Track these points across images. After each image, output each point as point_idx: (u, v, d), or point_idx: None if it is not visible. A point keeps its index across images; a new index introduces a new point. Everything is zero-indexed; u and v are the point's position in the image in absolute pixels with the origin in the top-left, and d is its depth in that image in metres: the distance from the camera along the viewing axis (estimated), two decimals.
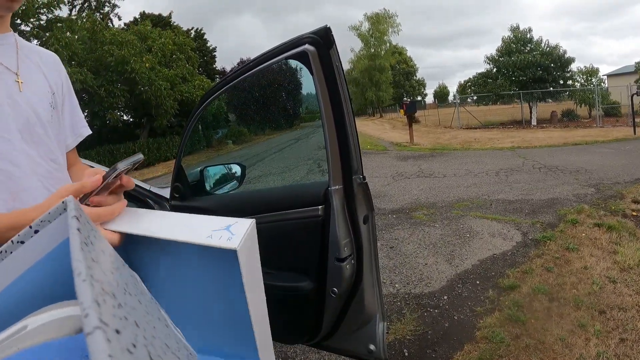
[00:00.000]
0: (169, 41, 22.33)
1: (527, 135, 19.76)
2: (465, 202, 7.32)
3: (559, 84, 28.58)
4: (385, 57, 47.61)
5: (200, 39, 35.75)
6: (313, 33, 1.42)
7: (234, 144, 24.71)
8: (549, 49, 28.35)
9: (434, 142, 18.71)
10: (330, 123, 1.56)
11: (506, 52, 29.58)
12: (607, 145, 14.19)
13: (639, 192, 7.13)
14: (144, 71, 19.25)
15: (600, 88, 27.35)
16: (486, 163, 11.72)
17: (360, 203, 1.73)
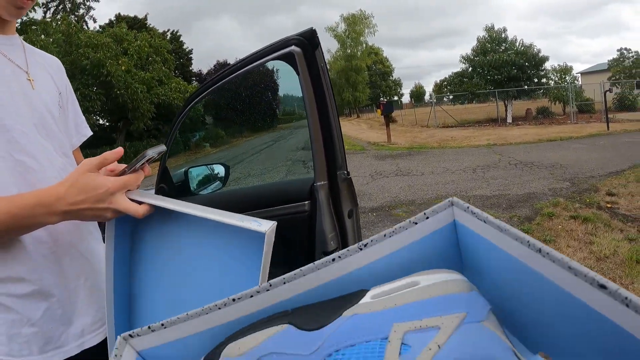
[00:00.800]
0: (145, 43, 22.16)
1: (502, 132, 20.07)
2: (444, 198, 7.41)
3: (533, 82, 29.09)
4: (362, 57, 47.83)
5: (176, 41, 35.54)
6: (299, 35, 1.48)
7: (211, 146, 24.62)
8: (523, 48, 28.87)
9: (411, 141, 18.90)
10: (315, 121, 1.62)
11: (481, 51, 30.02)
12: (581, 141, 14.48)
13: (613, 185, 7.34)
14: (120, 74, 19.11)
15: (574, 86, 27.93)
16: (463, 160, 11.91)
17: (345, 198, 1.79)
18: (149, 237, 1.03)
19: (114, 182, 0.90)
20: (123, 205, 0.90)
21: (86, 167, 0.91)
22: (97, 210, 0.90)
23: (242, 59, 1.70)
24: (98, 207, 0.89)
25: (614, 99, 29.14)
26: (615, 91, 29.50)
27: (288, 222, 1.81)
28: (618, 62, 36.91)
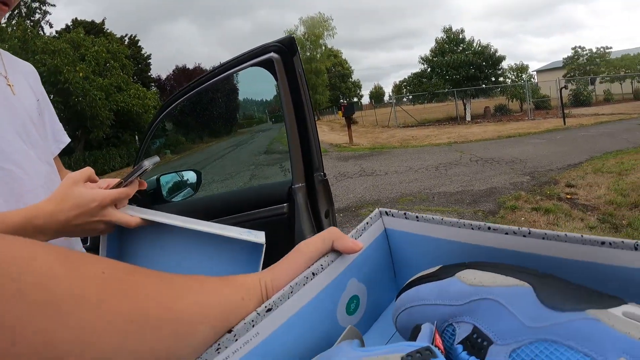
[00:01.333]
0: (102, 49, 21.69)
1: (462, 130, 20.42)
2: (409, 197, 7.54)
3: (491, 81, 29.72)
4: (321, 60, 47.81)
5: (134, 46, 34.86)
6: (278, 42, 1.52)
7: (172, 153, 24.28)
8: (480, 48, 29.49)
9: (373, 142, 19.03)
10: (292, 125, 1.65)
11: (440, 52, 30.53)
12: (539, 136, 14.89)
13: (572, 177, 7.59)
14: (77, 81, 18.61)
15: (530, 83, 28.67)
16: (425, 159, 12.06)
17: (322, 199, 1.83)
18: (141, 251, 1.04)
19: (105, 195, 0.89)
20: (115, 217, 0.90)
21: (72, 181, 0.89)
22: (89, 224, 0.89)
23: (220, 65, 1.73)
24: (90, 220, 0.88)
25: (570, 95, 30.03)
26: (571, 88, 30.38)
27: (268, 225, 1.84)
28: (573, 59, 37.85)
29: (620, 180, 7.17)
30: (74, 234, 0.90)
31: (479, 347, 0.49)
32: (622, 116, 20.04)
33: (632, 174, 7.51)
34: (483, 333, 0.49)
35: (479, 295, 0.52)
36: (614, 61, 37.38)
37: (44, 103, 1.20)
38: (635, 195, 6.19)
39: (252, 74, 1.65)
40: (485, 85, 29.16)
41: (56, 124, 1.26)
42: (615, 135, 13.52)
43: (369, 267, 0.68)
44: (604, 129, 15.73)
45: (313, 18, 45.59)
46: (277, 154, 17.59)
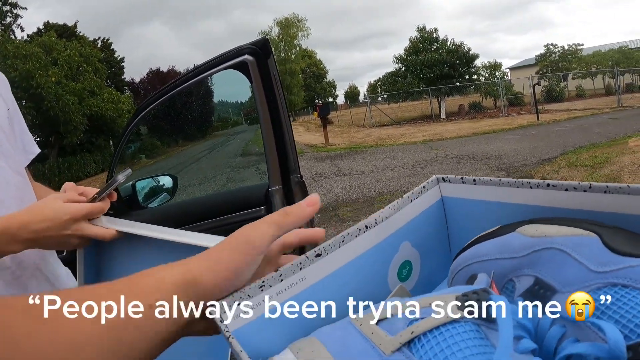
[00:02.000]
0: (75, 52, 21.27)
1: (437, 128, 20.60)
2: (386, 195, 7.57)
3: (465, 79, 30.09)
4: (296, 61, 47.83)
5: (107, 49, 34.35)
6: (252, 44, 1.51)
7: (147, 158, 24.03)
8: (454, 47, 29.88)
9: (349, 142, 19.11)
10: (268, 127, 1.65)
11: (414, 51, 30.79)
12: (513, 132, 15.09)
13: (547, 171, 7.73)
14: (50, 86, 18.23)
15: (503, 80, 29.08)
16: (401, 157, 12.16)
17: (299, 200, 1.83)
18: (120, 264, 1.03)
19: (78, 209, 0.88)
20: (88, 230, 0.89)
21: (52, 197, 0.89)
22: (62, 237, 0.88)
23: (194, 68, 1.72)
24: (62, 234, 0.87)
25: (542, 91, 30.51)
26: (544, 84, 30.89)
27: None
28: (545, 56, 38.45)
29: (594, 173, 7.32)
30: (47, 246, 0.90)
31: (542, 297, 0.47)
32: (594, 111, 20.47)
33: (605, 167, 7.66)
34: (546, 283, 0.48)
35: (541, 246, 0.50)
36: (586, 57, 38.05)
37: (14, 112, 1.16)
38: None
39: (226, 76, 1.64)
40: (459, 83, 29.51)
41: (26, 135, 1.23)
42: (588, 129, 13.80)
43: (424, 233, 0.66)
44: (577, 123, 16.05)
45: (287, 19, 45.59)
46: (253, 156, 17.54)
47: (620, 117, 16.78)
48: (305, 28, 46.55)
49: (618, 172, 7.22)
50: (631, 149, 9.06)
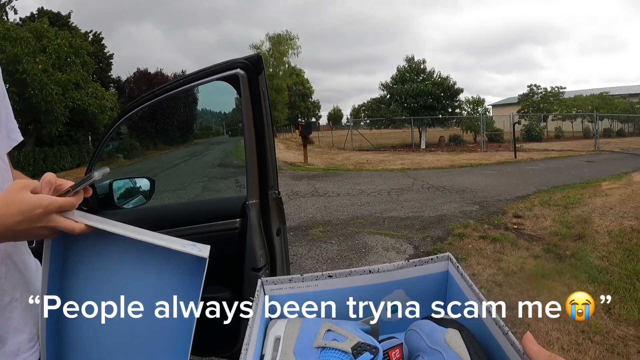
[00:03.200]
0: (65, 42, 20.84)
1: (416, 157, 20.77)
2: (360, 219, 7.59)
3: (447, 112, 30.43)
4: (283, 77, 47.76)
5: (97, 43, 33.88)
6: (246, 59, 1.55)
7: (125, 158, 23.77)
8: (440, 80, 30.28)
9: (328, 163, 19.11)
10: (251, 142, 1.68)
11: (400, 80, 31.10)
12: (490, 168, 15.29)
13: (520, 208, 7.84)
14: (36, 73, 17.78)
15: (485, 116, 29.47)
16: (378, 183, 12.18)
17: (275, 216, 1.85)
18: (85, 257, 1.02)
19: (50, 202, 0.87)
20: (59, 223, 0.88)
21: (20, 186, 0.87)
22: (33, 230, 0.87)
23: (185, 76, 1.74)
24: (34, 227, 0.86)
25: (522, 130, 31.05)
26: (524, 123, 31.43)
27: (220, 239, 1.84)
28: (528, 96, 39.13)
29: (566, 213, 7.47)
30: (18, 239, 0.90)
31: None
32: (570, 153, 20.95)
33: (577, 208, 7.85)
34: None
35: (443, 350, 0.71)
36: (567, 101, 38.93)
37: (2, 96, 1.15)
38: (579, 228, 6.47)
39: (212, 86, 1.66)
40: (441, 115, 29.87)
41: (11, 121, 1.21)
42: (563, 170, 14.12)
43: (422, 289, 0.88)
44: (553, 164, 16.40)
45: (280, 35, 45.60)
46: (231, 168, 17.50)
47: (595, 161, 17.20)
48: (296, 46, 46.56)
49: (589, 213, 7.40)
50: (604, 192, 9.29)
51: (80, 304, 1.00)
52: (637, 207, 7.83)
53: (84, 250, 1.01)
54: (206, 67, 1.63)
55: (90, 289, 1.02)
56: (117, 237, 0.94)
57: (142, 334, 1.03)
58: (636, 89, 52.11)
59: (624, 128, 40.66)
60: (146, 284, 1.02)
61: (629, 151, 21.39)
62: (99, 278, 1.02)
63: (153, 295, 1.00)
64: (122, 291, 1.01)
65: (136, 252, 0.99)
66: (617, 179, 11.54)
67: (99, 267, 1.02)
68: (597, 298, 2.94)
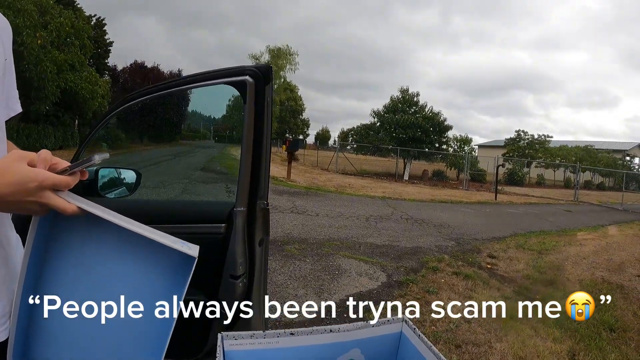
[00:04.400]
0: (67, 22, 20.61)
1: (398, 187, 20.91)
2: (336, 241, 7.59)
3: (434, 147, 30.70)
4: (277, 91, 47.93)
5: (99, 28, 33.52)
6: (256, 67, 1.56)
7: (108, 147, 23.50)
8: (431, 114, 30.61)
9: (310, 182, 19.11)
10: (248, 150, 1.68)
11: (392, 109, 31.38)
12: (470, 206, 15.42)
13: (495, 249, 7.94)
14: (34, 47, 17.58)
15: (470, 155, 29.76)
16: (358, 208, 12.20)
17: (259, 227, 1.85)
18: (73, 241, 1.00)
19: (46, 177, 0.86)
20: (52, 200, 0.87)
21: (17, 157, 0.87)
22: (24, 203, 0.86)
23: (193, 75, 1.74)
24: (26, 200, 0.85)
25: (505, 173, 31.52)
26: (507, 166, 31.90)
27: (203, 242, 1.82)
28: (514, 141, 39.75)
29: (539, 258, 7.59)
30: (7, 209, 0.90)
31: None
32: (550, 200, 21.29)
33: (551, 254, 7.99)
34: None
35: None
36: (552, 149, 39.80)
37: (9, 64, 1.14)
38: (551, 273, 6.61)
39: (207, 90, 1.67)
40: (428, 149, 30.09)
41: (12, 90, 1.19)
42: (541, 216, 14.33)
43: (375, 349, 0.92)
44: (532, 209, 16.67)
45: (280, 49, 45.74)
46: (213, 174, 17.41)
47: (573, 211, 17.50)
48: (294, 62, 46.80)
49: (562, 261, 7.53)
50: (579, 242, 9.45)
51: (58, 290, 0.98)
52: (610, 259, 8.00)
53: (70, 234, 0.99)
54: (215, 69, 1.64)
55: (71, 275, 1.00)
56: (105, 225, 0.93)
57: (117, 328, 1.01)
58: (620, 145, 53.65)
59: (605, 182, 41.75)
60: (129, 278, 1.00)
61: (607, 204, 21.82)
62: (81, 265, 0.99)
63: (134, 290, 0.99)
64: (103, 282, 0.99)
65: (123, 243, 0.98)
66: (593, 231, 11.80)
67: (83, 253, 0.99)
68: (564, 345, 2.95)
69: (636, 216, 17.29)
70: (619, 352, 4.06)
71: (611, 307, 5.32)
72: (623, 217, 16.71)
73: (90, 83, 22.22)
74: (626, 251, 9.04)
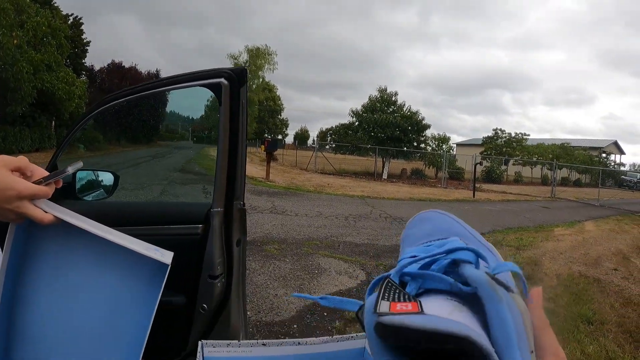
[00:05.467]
0: (44, 21, 20.28)
1: (377, 187, 21.03)
2: (315, 241, 7.62)
3: (413, 146, 30.88)
4: (256, 91, 47.70)
5: (76, 28, 33.10)
6: (231, 70, 1.58)
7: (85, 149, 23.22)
8: (409, 113, 30.75)
9: (289, 182, 19.14)
10: (224, 151, 1.69)
11: (371, 109, 31.48)
12: (448, 204, 15.58)
13: None
14: (10, 47, 17.16)
15: (448, 154, 30.03)
16: (337, 207, 12.27)
17: (237, 227, 1.87)
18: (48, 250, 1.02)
19: (25, 187, 0.88)
20: (29, 210, 0.89)
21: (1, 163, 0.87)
22: (1, 211, 0.87)
23: (169, 77, 1.75)
24: (3, 207, 0.86)
25: (483, 171, 31.89)
26: (485, 164, 32.27)
27: (179, 243, 1.84)
28: (492, 139, 40.14)
29: (517, 254, 7.72)
30: None
31: None
32: (527, 197, 21.62)
33: (529, 250, 8.13)
34: None
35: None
36: (529, 147, 40.35)
37: None
38: (529, 269, 6.70)
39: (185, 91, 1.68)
40: (407, 148, 30.28)
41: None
42: (519, 213, 14.56)
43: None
44: (510, 206, 16.90)
45: (259, 49, 45.56)
46: (191, 174, 17.34)
47: (550, 207, 17.85)
48: (273, 62, 46.66)
49: (540, 256, 7.66)
50: (556, 237, 9.60)
51: (36, 295, 1.01)
52: (586, 253, 8.18)
53: (47, 241, 1.02)
54: (191, 71, 1.65)
55: (48, 281, 1.02)
56: (81, 233, 0.95)
57: (93, 333, 1.03)
58: (596, 143, 54.67)
59: (582, 178, 42.53)
60: (104, 284, 1.02)
61: (584, 201, 22.31)
62: (57, 271, 1.02)
63: (110, 295, 1.02)
64: (79, 288, 1.02)
65: (99, 250, 1.00)
66: (570, 226, 12.02)
67: (59, 260, 1.02)
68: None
69: (612, 211, 17.68)
70: (597, 344, 4.14)
71: (588, 300, 5.45)
72: (599, 212, 17.05)
73: (67, 83, 21.89)
74: (602, 246, 9.23)
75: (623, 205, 20.68)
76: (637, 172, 45.24)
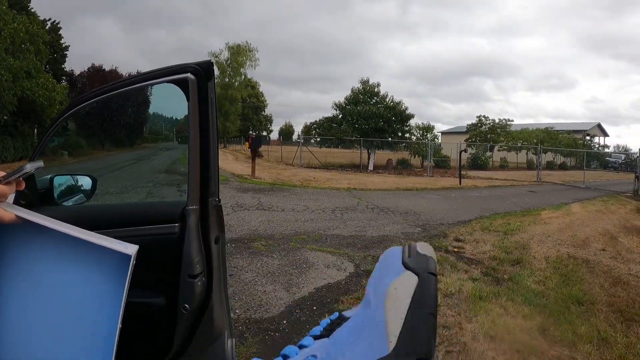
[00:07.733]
0: (21, 28, 19.92)
1: (363, 178, 21.06)
2: (302, 235, 7.61)
3: (397, 136, 30.91)
4: (238, 88, 47.54)
5: (55, 32, 32.59)
6: (197, 64, 1.55)
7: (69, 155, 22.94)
8: (392, 104, 30.70)
9: (275, 178, 19.06)
10: (195, 147, 1.67)
11: (353, 101, 31.39)
12: (435, 192, 15.68)
13: (461, 232, 8.13)
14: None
15: (433, 143, 30.13)
16: (323, 201, 12.25)
17: (214, 224, 1.85)
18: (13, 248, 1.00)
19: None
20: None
21: None
22: None
23: (135, 75, 1.73)
24: None
25: (469, 158, 32.09)
26: (470, 151, 32.44)
27: (156, 243, 1.82)
28: (476, 126, 40.30)
29: (505, 239, 7.79)
30: None
31: None
32: (514, 182, 21.76)
33: (516, 234, 8.20)
34: None
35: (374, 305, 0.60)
36: (514, 133, 40.62)
37: None
38: (517, 253, 6.75)
39: (166, 89, 1.66)
40: (391, 138, 30.34)
41: None
42: (505, 198, 14.69)
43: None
44: (496, 192, 17.03)
45: (239, 46, 45.39)
46: (177, 175, 17.20)
47: (537, 191, 17.99)
48: (254, 58, 46.52)
49: (528, 240, 7.74)
50: (543, 221, 9.70)
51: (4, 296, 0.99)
52: (574, 235, 8.28)
53: (11, 241, 0.99)
54: (157, 68, 1.63)
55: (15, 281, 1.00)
56: (45, 231, 0.94)
57: (63, 331, 1.01)
58: (580, 126, 55.16)
59: (567, 162, 42.93)
60: (70, 281, 0.99)
61: (570, 183, 22.51)
62: (24, 270, 1.00)
63: (77, 292, 0.99)
64: (46, 286, 0.99)
65: (63, 248, 0.98)
66: (557, 209, 12.16)
67: (25, 259, 0.99)
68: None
69: (598, 193, 17.86)
70: (588, 325, 4.18)
71: (578, 282, 5.50)
72: (585, 194, 17.19)
73: (47, 90, 21.54)
74: (590, 227, 9.34)
75: (609, 186, 20.90)
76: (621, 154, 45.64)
